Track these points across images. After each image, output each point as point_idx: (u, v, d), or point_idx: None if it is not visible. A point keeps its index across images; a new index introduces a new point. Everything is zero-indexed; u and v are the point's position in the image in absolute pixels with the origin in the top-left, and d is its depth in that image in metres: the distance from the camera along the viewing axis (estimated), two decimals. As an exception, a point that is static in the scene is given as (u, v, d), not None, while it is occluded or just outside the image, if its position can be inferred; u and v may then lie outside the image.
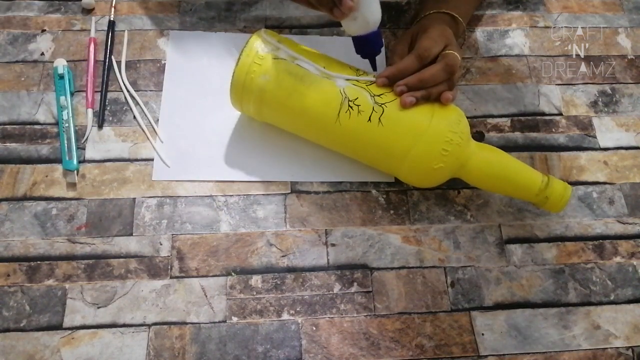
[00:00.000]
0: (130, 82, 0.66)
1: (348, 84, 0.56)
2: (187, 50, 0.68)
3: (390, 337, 0.55)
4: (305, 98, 0.56)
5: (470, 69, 0.70)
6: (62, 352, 0.52)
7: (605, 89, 0.71)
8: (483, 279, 0.58)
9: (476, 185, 0.60)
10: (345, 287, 0.57)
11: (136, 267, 0.56)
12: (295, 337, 0.54)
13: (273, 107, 0.58)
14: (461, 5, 0.66)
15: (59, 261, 0.56)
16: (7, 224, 0.57)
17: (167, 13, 0.71)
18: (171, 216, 0.59)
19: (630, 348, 0.56)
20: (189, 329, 0.54)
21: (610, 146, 0.67)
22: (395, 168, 0.59)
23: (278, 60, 0.56)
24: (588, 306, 0.58)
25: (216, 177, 0.61)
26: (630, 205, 0.64)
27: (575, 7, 0.77)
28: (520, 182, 0.57)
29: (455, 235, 0.61)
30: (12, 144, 0.62)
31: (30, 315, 0.54)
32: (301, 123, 0.59)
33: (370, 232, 0.60)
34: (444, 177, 0.58)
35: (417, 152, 0.55)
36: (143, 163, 0.62)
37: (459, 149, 0.56)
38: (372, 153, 0.58)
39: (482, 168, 0.58)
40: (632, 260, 0.61)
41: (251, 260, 0.58)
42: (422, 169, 0.57)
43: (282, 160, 0.63)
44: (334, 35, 0.71)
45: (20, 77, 0.65)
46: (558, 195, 0.56)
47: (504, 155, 0.58)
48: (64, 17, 0.70)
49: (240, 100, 0.59)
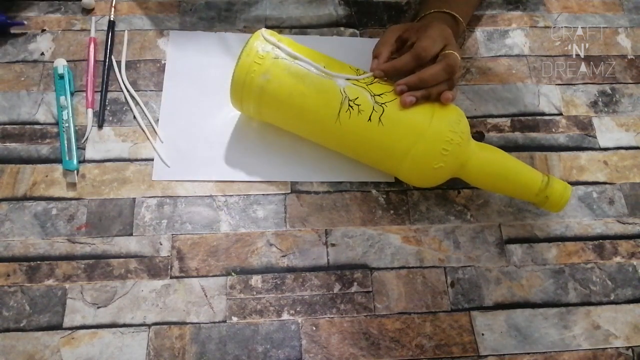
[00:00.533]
0: (130, 82, 0.66)
1: (348, 83, 0.56)
2: (187, 50, 0.68)
3: (390, 337, 0.55)
4: (306, 98, 0.56)
5: (470, 69, 0.70)
6: (62, 352, 0.52)
7: (605, 89, 0.71)
8: (483, 279, 0.58)
9: (476, 185, 0.60)
10: (345, 287, 0.57)
11: (136, 267, 0.56)
12: (295, 337, 0.54)
13: (273, 107, 0.58)
14: (461, 5, 0.66)
15: (59, 261, 0.56)
16: (7, 224, 0.57)
17: (167, 13, 0.71)
18: (171, 216, 0.59)
19: (630, 348, 0.56)
20: (189, 329, 0.54)
21: (610, 146, 0.67)
22: (395, 168, 0.59)
23: (278, 60, 0.56)
24: (588, 306, 0.58)
25: (216, 177, 0.61)
26: (630, 205, 0.64)
27: (575, 7, 0.77)
28: (520, 182, 0.57)
29: (455, 235, 0.61)
30: (12, 144, 0.62)
31: (30, 315, 0.54)
32: (301, 123, 0.59)
33: (370, 232, 0.60)
34: (444, 177, 0.58)
35: (417, 152, 0.55)
36: (143, 163, 0.62)
37: (459, 149, 0.56)
38: (372, 153, 0.58)
39: (482, 168, 0.58)
40: (632, 260, 0.61)
41: (251, 260, 0.58)
42: (422, 169, 0.57)
43: (282, 160, 0.63)
44: (334, 36, 0.71)
45: (20, 77, 0.65)
46: (558, 195, 0.56)
47: (504, 155, 0.58)
48: (64, 17, 0.70)
49: (240, 100, 0.59)
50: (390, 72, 0.58)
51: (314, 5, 0.73)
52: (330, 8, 0.73)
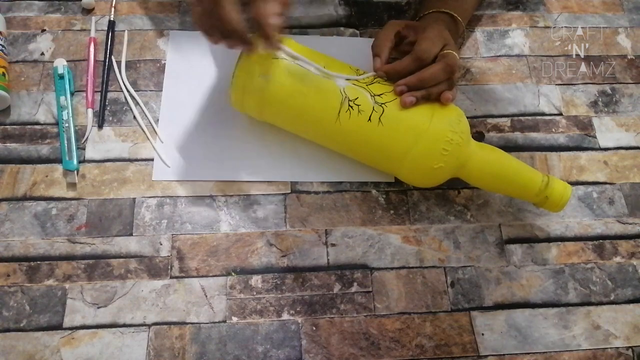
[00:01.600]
0: (130, 82, 0.66)
1: (348, 83, 0.56)
2: (187, 50, 0.68)
3: (390, 337, 0.55)
4: (306, 98, 0.56)
5: (470, 69, 0.70)
6: (62, 352, 0.52)
7: (605, 89, 0.71)
8: (483, 279, 0.58)
9: (476, 185, 0.60)
10: (345, 287, 0.57)
11: (136, 267, 0.56)
12: (295, 337, 0.54)
13: (273, 107, 0.58)
14: (461, 5, 0.66)
15: (59, 261, 0.56)
16: (7, 224, 0.57)
17: (167, 13, 0.71)
18: (171, 216, 0.59)
19: (630, 348, 0.56)
20: (189, 329, 0.54)
21: (610, 146, 0.67)
22: (395, 168, 0.59)
23: (278, 60, 0.56)
24: (588, 306, 0.58)
25: (216, 177, 0.61)
26: (630, 205, 0.64)
27: (575, 7, 0.77)
28: (520, 182, 0.57)
29: (455, 235, 0.61)
30: (12, 144, 0.62)
31: (30, 315, 0.54)
32: (301, 123, 0.59)
33: (370, 232, 0.60)
34: (444, 177, 0.58)
35: (417, 152, 0.55)
36: (143, 163, 0.62)
37: (459, 149, 0.56)
38: (372, 153, 0.58)
39: (482, 168, 0.58)
40: (632, 260, 0.61)
41: (251, 260, 0.58)
42: (423, 169, 0.57)
43: (282, 160, 0.63)
44: (334, 36, 0.71)
45: (20, 77, 0.65)
46: (558, 195, 0.56)
47: (504, 155, 0.58)
48: (64, 17, 0.70)
49: (240, 100, 0.59)
50: (391, 75, 0.58)
51: (314, 5, 0.73)
52: (330, 8, 0.73)
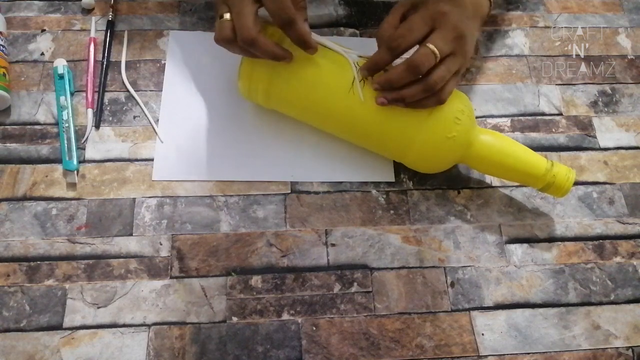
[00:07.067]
0: (130, 82, 0.66)
1: (359, 59, 0.57)
2: (187, 50, 0.68)
3: (390, 337, 0.55)
4: (319, 67, 0.56)
5: (470, 69, 0.70)
6: (62, 352, 0.52)
7: (605, 89, 0.71)
8: (483, 279, 0.58)
9: (482, 170, 0.61)
10: (345, 287, 0.57)
11: (136, 267, 0.56)
12: (295, 337, 0.54)
13: (283, 79, 0.57)
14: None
15: (59, 261, 0.56)
16: (7, 224, 0.57)
17: (167, 13, 0.71)
18: (171, 216, 0.59)
19: (630, 348, 0.56)
20: (189, 329, 0.54)
21: (610, 146, 0.67)
22: (407, 144, 0.57)
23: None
24: (588, 306, 0.58)
25: (216, 177, 0.61)
26: (630, 205, 0.64)
27: (575, 7, 0.77)
28: (526, 164, 0.58)
29: (455, 235, 0.61)
30: (12, 144, 0.62)
31: (30, 315, 0.53)
32: (311, 97, 0.57)
33: (370, 232, 0.60)
34: (454, 156, 0.58)
35: (433, 120, 0.56)
36: (143, 163, 0.62)
37: (469, 122, 0.57)
38: (386, 128, 0.57)
39: (489, 150, 0.58)
40: (632, 260, 0.61)
41: (251, 260, 0.58)
42: (437, 139, 0.56)
43: (282, 160, 0.63)
44: (334, 35, 0.71)
45: (20, 77, 0.65)
46: (564, 176, 0.57)
47: (508, 139, 0.59)
48: (64, 17, 0.70)
49: (249, 75, 0.57)
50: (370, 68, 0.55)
51: (314, 5, 0.73)
52: (330, 8, 0.73)
